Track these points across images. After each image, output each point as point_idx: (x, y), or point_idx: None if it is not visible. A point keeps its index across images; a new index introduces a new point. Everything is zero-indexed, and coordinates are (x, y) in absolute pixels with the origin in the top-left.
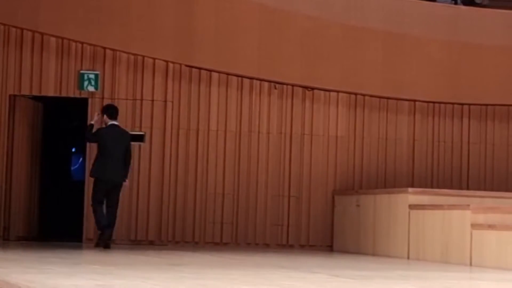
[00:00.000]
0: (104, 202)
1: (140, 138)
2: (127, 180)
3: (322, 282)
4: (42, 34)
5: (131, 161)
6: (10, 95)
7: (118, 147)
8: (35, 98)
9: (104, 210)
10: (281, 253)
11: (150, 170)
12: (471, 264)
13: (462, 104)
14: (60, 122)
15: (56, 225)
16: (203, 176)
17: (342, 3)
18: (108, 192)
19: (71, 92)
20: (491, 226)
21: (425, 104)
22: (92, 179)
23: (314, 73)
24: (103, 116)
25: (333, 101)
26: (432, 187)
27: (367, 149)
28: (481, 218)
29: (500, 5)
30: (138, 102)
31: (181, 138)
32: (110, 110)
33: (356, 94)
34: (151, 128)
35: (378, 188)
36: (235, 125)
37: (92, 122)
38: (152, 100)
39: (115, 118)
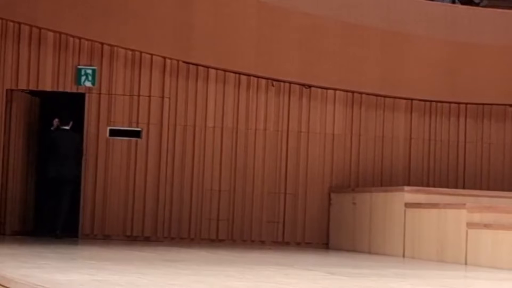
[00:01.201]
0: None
1: (137, 134)
2: None
3: (317, 279)
4: (39, 28)
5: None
6: (7, 90)
7: (66, 148)
8: (32, 93)
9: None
10: (277, 250)
11: (146, 166)
12: (466, 263)
13: (459, 103)
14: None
15: (52, 220)
16: (199, 172)
17: (340, 1)
18: (59, 188)
19: (68, 87)
20: (486, 225)
21: (422, 102)
22: (88, 175)
23: (311, 71)
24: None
25: (330, 99)
26: (428, 185)
27: (363, 147)
28: (476, 217)
29: (498, 4)
30: (135, 98)
31: (178, 134)
32: (61, 118)
33: (353, 92)
34: (148, 124)
35: (374, 186)
36: (232, 121)
37: (52, 128)
38: (149, 96)
39: (66, 124)
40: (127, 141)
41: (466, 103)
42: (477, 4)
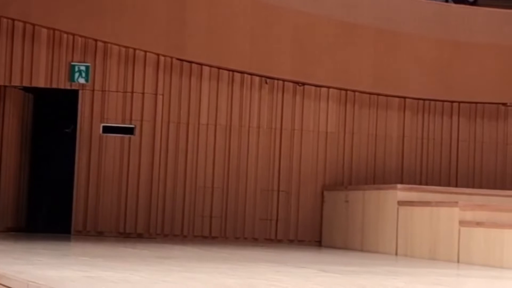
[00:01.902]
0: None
1: (130, 131)
2: None
3: (309, 276)
4: (33, 25)
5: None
6: (0, 86)
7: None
8: (26, 89)
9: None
10: (270, 248)
11: (139, 163)
12: (458, 261)
13: (452, 102)
14: (50, 113)
15: (45, 216)
16: (192, 169)
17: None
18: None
19: (62, 83)
20: (479, 224)
21: (415, 101)
22: (81, 171)
23: (305, 69)
24: None
25: (324, 97)
26: (421, 183)
27: (356, 145)
28: (469, 215)
29: (491, 3)
30: (129, 94)
31: (171, 131)
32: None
33: (346, 90)
34: (141, 121)
35: (367, 184)
36: (226, 119)
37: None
38: (143, 93)
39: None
40: (120, 138)
41: (459, 102)
42: (470, 3)
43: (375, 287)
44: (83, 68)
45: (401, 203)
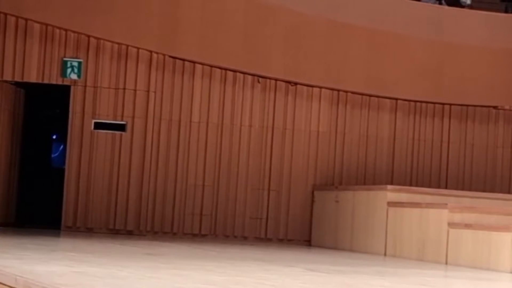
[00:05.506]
0: None
1: (121, 128)
2: None
3: (297, 275)
4: (26, 19)
5: None
6: None
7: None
8: (18, 84)
9: None
10: (259, 246)
11: (130, 159)
12: (446, 263)
13: (443, 104)
14: (42, 109)
15: (35, 211)
16: (183, 167)
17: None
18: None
19: (54, 79)
20: (467, 226)
21: (407, 102)
22: (72, 167)
23: (297, 68)
24: None
25: (316, 97)
26: (411, 185)
27: (348, 146)
28: (458, 217)
29: (483, 6)
30: (121, 91)
31: (163, 128)
32: None
33: (338, 90)
34: (133, 117)
35: (357, 184)
36: (217, 117)
37: None
38: (135, 90)
39: None
40: (112, 134)
41: (450, 104)
42: (463, 6)
43: (362, 287)
44: (75, 63)
45: (390, 204)
